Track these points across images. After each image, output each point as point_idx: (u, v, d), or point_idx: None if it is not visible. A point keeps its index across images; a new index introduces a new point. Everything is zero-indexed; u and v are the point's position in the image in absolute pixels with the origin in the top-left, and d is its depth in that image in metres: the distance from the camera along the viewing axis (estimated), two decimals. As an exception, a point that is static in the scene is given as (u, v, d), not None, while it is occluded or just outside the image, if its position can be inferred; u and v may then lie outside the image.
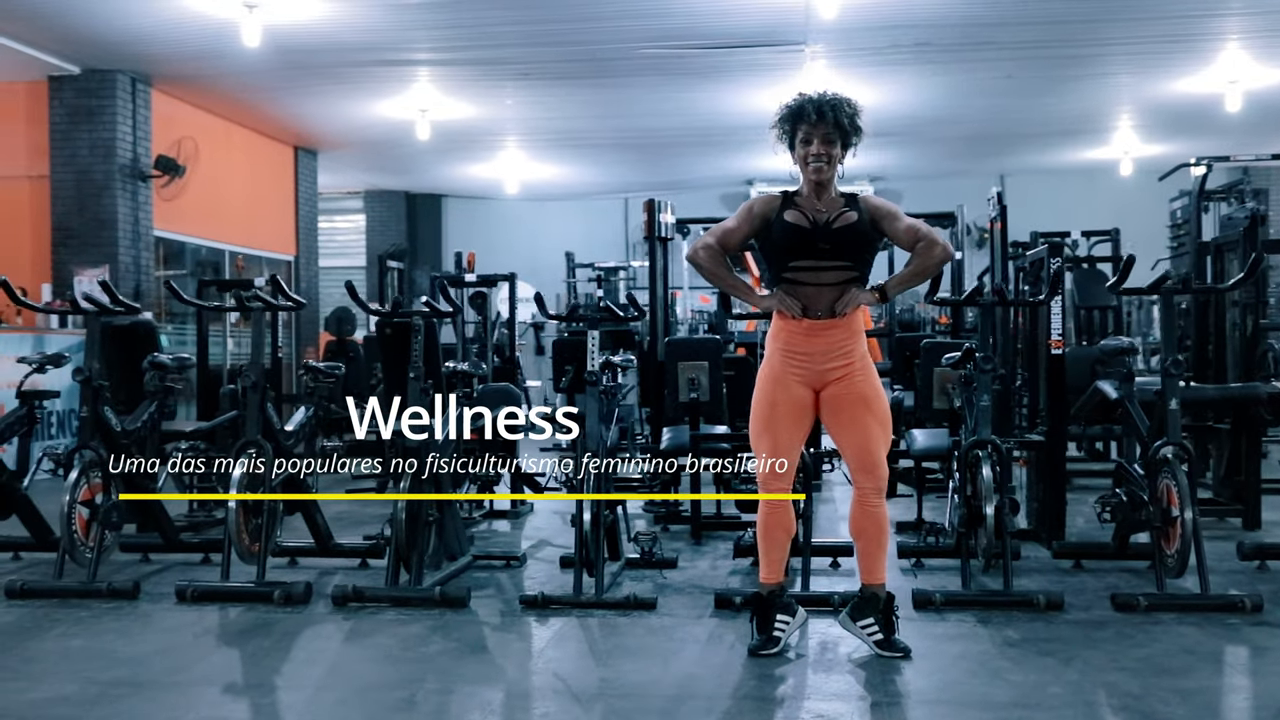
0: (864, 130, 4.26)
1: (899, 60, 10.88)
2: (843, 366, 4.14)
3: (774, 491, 4.22)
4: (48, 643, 4.54)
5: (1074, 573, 5.65)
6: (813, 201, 4.19)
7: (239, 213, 13.20)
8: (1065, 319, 8.96)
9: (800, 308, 4.13)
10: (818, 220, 4.15)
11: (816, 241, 4.13)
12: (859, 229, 4.14)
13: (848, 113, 4.17)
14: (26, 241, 11.00)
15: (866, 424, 4.15)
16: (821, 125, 4.14)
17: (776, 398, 4.19)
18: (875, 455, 4.16)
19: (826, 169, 4.16)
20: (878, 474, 4.18)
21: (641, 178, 16.99)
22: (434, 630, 4.65)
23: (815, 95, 4.20)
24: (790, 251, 4.17)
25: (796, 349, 4.16)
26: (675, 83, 11.61)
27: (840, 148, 4.20)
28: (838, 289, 4.13)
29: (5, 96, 11.06)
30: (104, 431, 5.55)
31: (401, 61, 10.92)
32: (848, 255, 4.14)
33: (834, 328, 4.13)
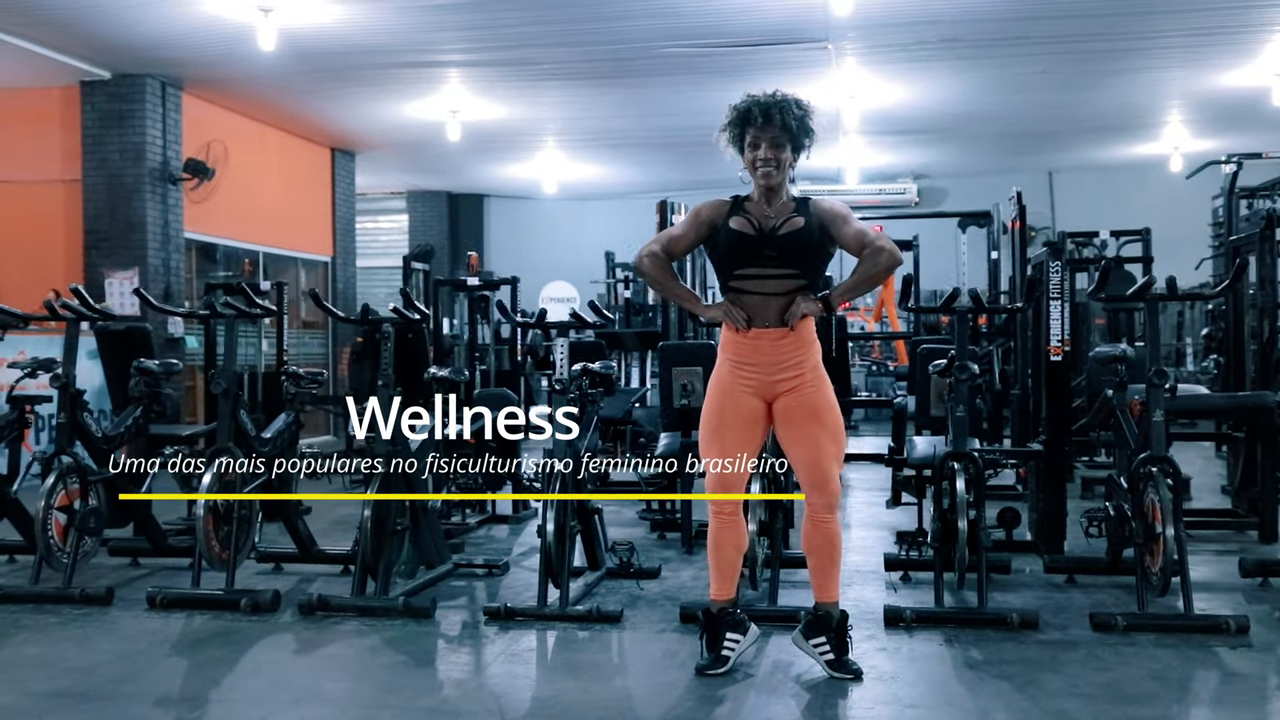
0: (815, 132, 4.12)
1: (927, 56, 10.65)
2: (793, 378, 4.02)
3: (721, 505, 4.12)
4: (4, 650, 4.56)
5: (1065, 588, 5.47)
6: (762, 207, 4.08)
7: (273, 214, 13.30)
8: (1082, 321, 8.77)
9: (745, 319, 4.01)
10: (764, 227, 4.03)
11: (762, 249, 4.01)
12: (806, 235, 4.01)
13: (796, 114, 4.03)
14: (60, 244, 11.17)
15: (816, 438, 4.02)
16: (769, 128, 4.02)
17: (725, 408, 4.08)
18: (825, 470, 4.03)
19: (775, 173, 4.04)
20: (828, 489, 4.05)
21: (680, 176, 16.84)
22: (390, 643, 4.61)
23: (763, 97, 4.07)
24: (735, 259, 4.05)
25: (744, 359, 4.04)
26: (704, 81, 11.47)
27: (791, 150, 4.07)
28: (785, 298, 4.01)
29: (40, 101, 11.22)
30: (84, 437, 5.59)
31: (427, 63, 10.90)
32: (795, 263, 4.02)
33: (782, 338, 4.01)
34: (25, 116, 11.30)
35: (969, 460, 4.90)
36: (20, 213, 11.25)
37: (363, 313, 5.24)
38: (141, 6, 9.09)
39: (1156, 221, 11.76)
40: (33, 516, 5.89)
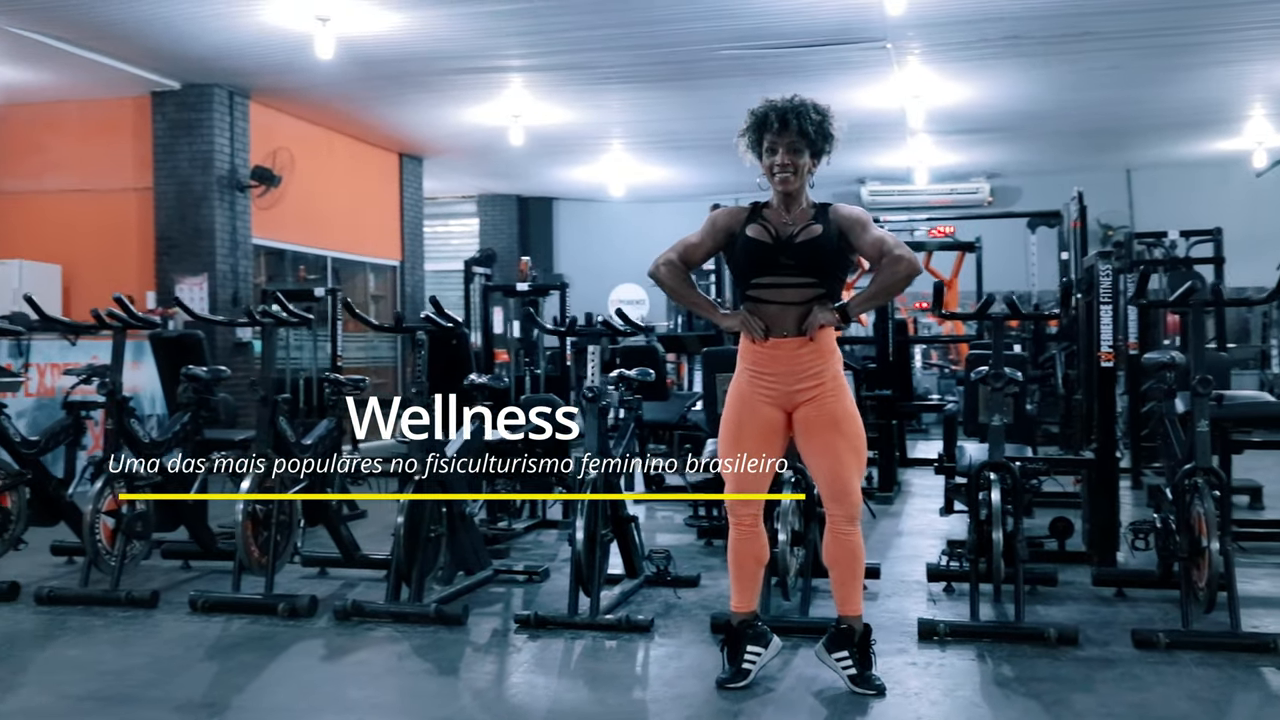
0: (835, 136, 4.03)
1: (991, 54, 10.46)
2: (812, 387, 3.95)
3: (741, 516, 4.06)
4: (47, 651, 4.68)
5: (1113, 602, 5.32)
6: (780, 214, 4.01)
7: (341, 219, 13.49)
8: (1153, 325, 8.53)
9: (763, 328, 3.95)
10: (781, 234, 3.96)
11: (779, 257, 3.95)
12: (824, 243, 3.94)
13: (814, 119, 3.96)
14: (134, 251, 11.45)
15: (836, 448, 3.94)
16: (786, 134, 3.95)
17: (743, 418, 4.02)
18: (846, 481, 3.96)
19: (793, 179, 3.97)
20: (849, 501, 3.98)
21: (749, 178, 16.65)
22: (418, 650, 4.63)
23: (780, 102, 4.00)
24: (753, 268, 3.99)
25: (763, 369, 3.99)
26: (764, 82, 11.30)
27: (810, 156, 3.99)
28: (803, 307, 3.94)
29: (114, 112, 11.52)
30: (131, 443, 5.71)
31: (487, 68, 10.98)
32: (812, 271, 3.95)
33: (801, 347, 3.94)
34: (100, 127, 11.61)
35: (1005, 470, 4.78)
36: (96, 220, 11.57)
37: (396, 321, 5.27)
38: (205, 18, 9.28)
39: (1239, 220, 11.44)
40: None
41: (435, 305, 5.23)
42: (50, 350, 8.90)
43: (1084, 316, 6.42)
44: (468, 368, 6.59)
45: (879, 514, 8.04)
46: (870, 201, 16.69)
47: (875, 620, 4.91)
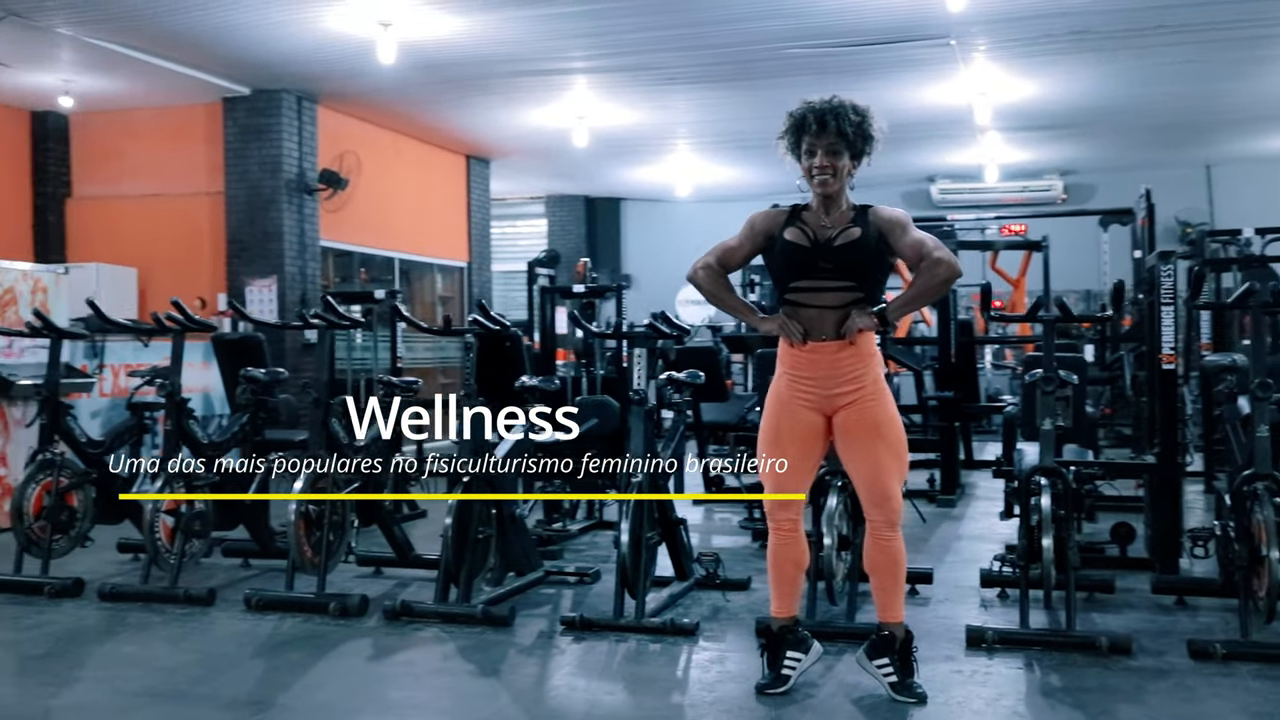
0: (876, 137, 3.98)
1: (1058, 50, 10.26)
2: (852, 391, 3.90)
3: (780, 521, 4.03)
4: (104, 647, 4.79)
5: (1172, 610, 5.19)
6: (819, 217, 3.97)
7: (409, 221, 13.64)
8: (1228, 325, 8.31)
9: (802, 333, 3.91)
10: (819, 238, 3.92)
11: (817, 260, 3.91)
12: (863, 245, 3.90)
13: (852, 120, 3.91)
14: (206, 254, 11.68)
15: (876, 453, 3.90)
16: (824, 135, 3.91)
17: (781, 423, 3.99)
18: (886, 486, 3.91)
19: (832, 181, 3.92)
20: (889, 506, 3.92)
21: (815, 177, 16.64)
22: (464, 650, 4.67)
23: (818, 103, 3.97)
24: (791, 271, 3.96)
25: (802, 373, 3.95)
26: (828, 81, 11.12)
27: (849, 157, 3.94)
28: (842, 311, 3.90)
29: (187, 118, 11.77)
30: (190, 444, 5.83)
31: (549, 70, 11.02)
32: (851, 274, 3.90)
33: (840, 351, 3.90)
34: (174, 133, 11.87)
35: (1057, 475, 4.69)
36: (170, 224, 11.83)
37: (445, 324, 5.32)
38: (271, 25, 9.44)
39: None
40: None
41: (481, 309, 5.26)
42: (124, 351, 9.09)
43: (1147, 317, 6.27)
44: (521, 370, 6.61)
45: (939, 517, 7.96)
46: (940, 200, 16.50)
47: (925, 626, 4.88)
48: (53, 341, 5.95)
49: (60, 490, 5.85)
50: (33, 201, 12.05)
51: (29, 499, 5.78)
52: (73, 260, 11.86)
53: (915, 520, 7.69)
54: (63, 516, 5.87)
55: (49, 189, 12.05)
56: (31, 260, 11.76)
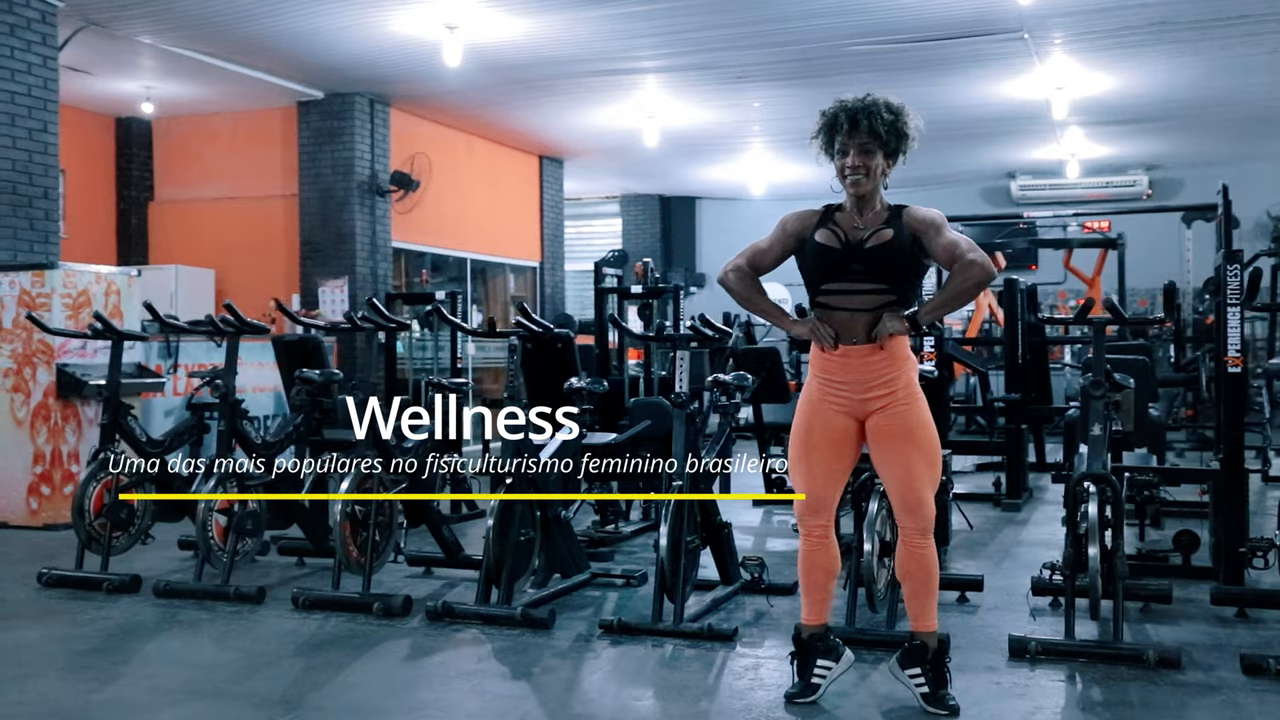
0: (911, 135, 3.90)
1: (1136, 42, 9.99)
2: (884, 395, 3.82)
3: (810, 527, 3.97)
4: (152, 643, 4.89)
5: (1232, 622, 5.02)
6: (852, 218, 3.90)
7: (481, 222, 13.75)
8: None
9: (833, 337, 3.84)
10: (850, 239, 3.85)
11: (848, 263, 3.84)
12: (895, 247, 3.81)
13: (885, 118, 3.83)
14: (281, 255, 11.91)
15: (908, 458, 3.81)
16: (856, 135, 3.83)
17: (813, 426, 3.92)
18: (918, 493, 3.82)
19: (865, 181, 3.85)
20: (921, 513, 3.83)
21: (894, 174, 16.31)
22: (499, 653, 4.67)
23: (851, 101, 3.89)
24: (821, 273, 3.89)
25: (834, 377, 3.88)
26: (898, 78, 11.15)
27: (883, 156, 3.87)
28: (874, 314, 3.82)
29: (263, 122, 12.01)
30: (244, 443, 5.93)
31: (616, 70, 11.03)
32: (882, 277, 3.82)
33: (872, 355, 3.82)
34: (251, 137, 12.13)
35: (1105, 482, 4.54)
36: (247, 227, 12.09)
37: (490, 326, 5.33)
38: (340, 30, 9.59)
39: None
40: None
41: (522, 310, 5.26)
42: (198, 351, 9.29)
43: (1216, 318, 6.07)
44: (573, 371, 6.60)
45: (1002, 522, 7.80)
46: (1020, 196, 16.18)
47: (971, 634, 4.79)
48: (114, 344, 6.09)
49: (120, 489, 5.98)
50: (116, 205, 12.38)
51: (89, 497, 5.93)
52: (154, 262, 12.18)
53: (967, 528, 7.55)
54: (122, 514, 6.00)
55: (132, 193, 12.38)
56: (115, 263, 12.11)
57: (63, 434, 7.72)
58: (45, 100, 8.45)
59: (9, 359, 7.92)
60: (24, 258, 8.20)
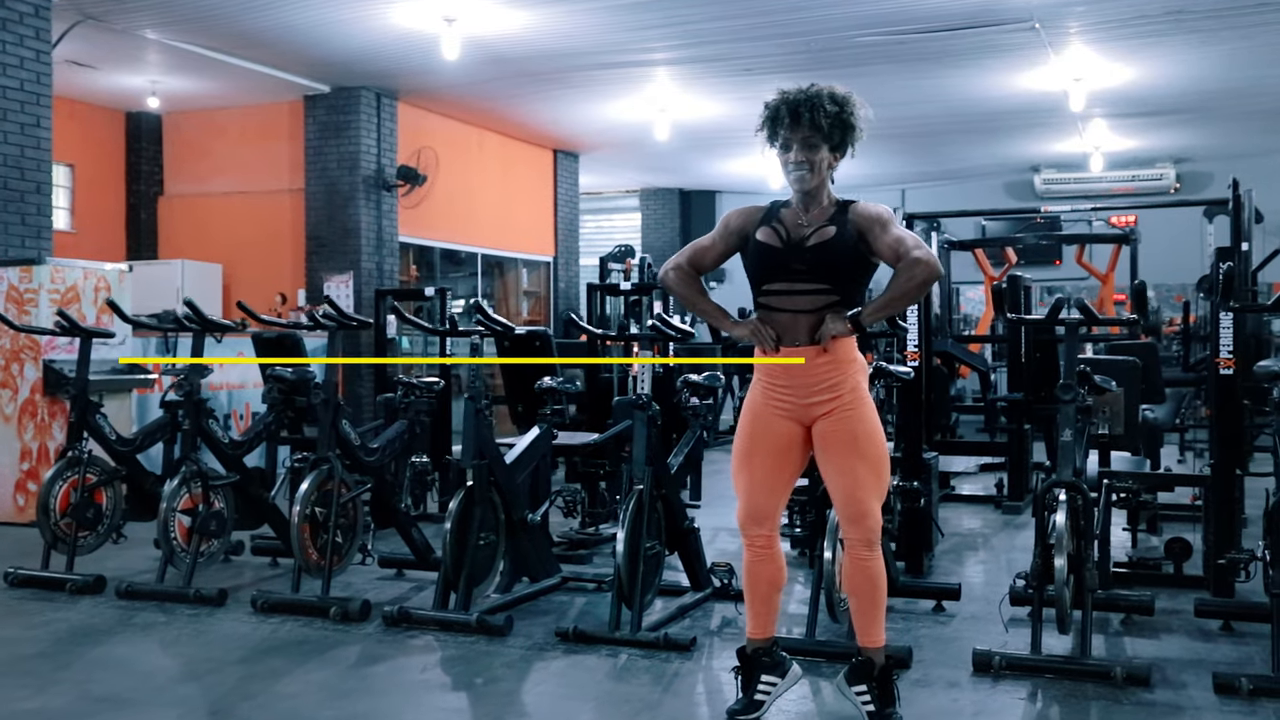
0: (858, 127, 3.71)
1: (1154, 31, 9.70)
2: (829, 400, 3.65)
3: (753, 537, 3.79)
4: (99, 648, 4.79)
5: (1215, 637, 4.80)
6: (797, 214, 3.72)
7: (492, 216, 13.63)
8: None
9: (775, 339, 3.66)
10: (792, 237, 3.67)
11: (789, 262, 3.66)
12: (838, 245, 3.63)
13: (829, 110, 3.64)
14: (288, 250, 11.86)
15: (852, 467, 3.63)
16: (798, 128, 3.65)
17: (755, 432, 3.75)
18: (863, 503, 3.64)
19: (810, 177, 3.67)
20: (866, 524, 3.65)
21: (915, 168, 16.19)
22: (448, 661, 4.56)
23: (794, 93, 3.71)
24: (763, 273, 3.71)
25: (776, 381, 3.71)
26: (911, 69, 10.93)
27: (828, 150, 3.68)
28: (816, 315, 3.64)
29: (270, 116, 11.96)
30: (210, 443, 5.84)
31: (626, 63, 10.85)
32: (825, 276, 3.64)
33: (816, 357, 3.63)
34: (258, 132, 12.08)
35: (1075, 490, 4.35)
36: (254, 221, 12.05)
37: (450, 325, 5.20)
38: (339, 23, 9.50)
39: None
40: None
41: (479, 309, 5.13)
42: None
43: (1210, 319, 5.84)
44: (551, 370, 6.47)
45: (1002, 525, 7.59)
46: (1044, 190, 15.87)
47: (941, 646, 4.63)
48: (81, 340, 6.02)
49: (88, 488, 5.92)
50: (126, 200, 12.38)
51: (55, 496, 5.87)
52: (163, 257, 12.18)
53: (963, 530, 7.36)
54: (89, 514, 5.93)
55: (141, 187, 12.38)
56: (124, 258, 12.12)
57: (50, 430, 7.68)
58: (39, 95, 8.41)
59: (-3, 355, 7.91)
60: (15, 253, 8.16)
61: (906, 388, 5.85)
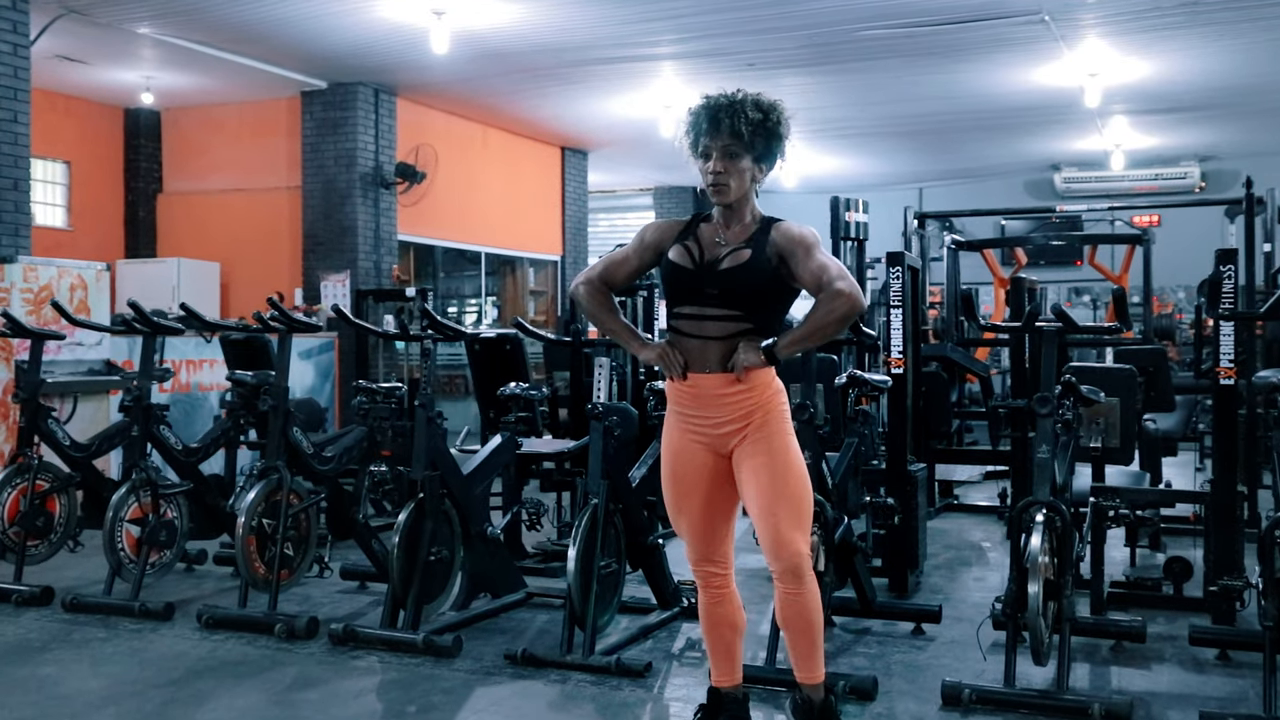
0: (783, 136, 3.38)
1: (1169, 24, 9.31)
2: (741, 429, 3.32)
3: (706, 576, 3.49)
4: (26, 667, 4.57)
5: (1210, 667, 4.48)
6: (717, 231, 3.39)
7: (496, 214, 13.37)
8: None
9: (682, 366, 3.34)
10: (705, 258, 3.34)
11: (701, 285, 3.32)
12: (752, 269, 3.29)
13: (751, 117, 3.30)
14: (285, 249, 11.65)
15: (768, 497, 3.28)
16: (717, 136, 3.32)
17: (678, 472, 3.43)
18: (782, 534, 3.27)
19: (729, 190, 3.34)
20: (785, 555, 3.27)
21: (931, 166, 15.83)
22: (386, 686, 4.31)
23: (715, 98, 3.36)
24: (674, 295, 3.39)
25: (687, 409, 3.39)
26: (920, 64, 10.59)
27: (751, 160, 3.35)
28: (726, 343, 3.31)
29: (268, 113, 11.75)
30: (162, 450, 5.62)
31: (628, 58, 10.55)
32: (737, 303, 3.30)
33: (727, 386, 3.30)
34: (256, 128, 11.87)
35: (1053, 510, 4.04)
36: (252, 219, 11.84)
37: (400, 329, 4.96)
38: (329, 16, 9.24)
39: None
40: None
41: (426, 314, 4.87)
42: (186, 347, 9.07)
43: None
44: (522, 376, 6.22)
45: (1005, 536, 7.26)
46: (1065, 189, 15.48)
47: (913, 675, 4.39)
48: (32, 343, 5.82)
49: (39, 495, 5.72)
50: (125, 197, 12.23)
51: (3, 504, 5.67)
52: (162, 255, 12.01)
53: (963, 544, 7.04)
54: (39, 522, 5.73)
55: (140, 184, 12.21)
56: (123, 255, 11.97)
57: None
58: (16, 90, 8.22)
59: (-31, 356, 7.74)
60: (-8, 251, 8.00)
61: (890, 395, 5.55)
